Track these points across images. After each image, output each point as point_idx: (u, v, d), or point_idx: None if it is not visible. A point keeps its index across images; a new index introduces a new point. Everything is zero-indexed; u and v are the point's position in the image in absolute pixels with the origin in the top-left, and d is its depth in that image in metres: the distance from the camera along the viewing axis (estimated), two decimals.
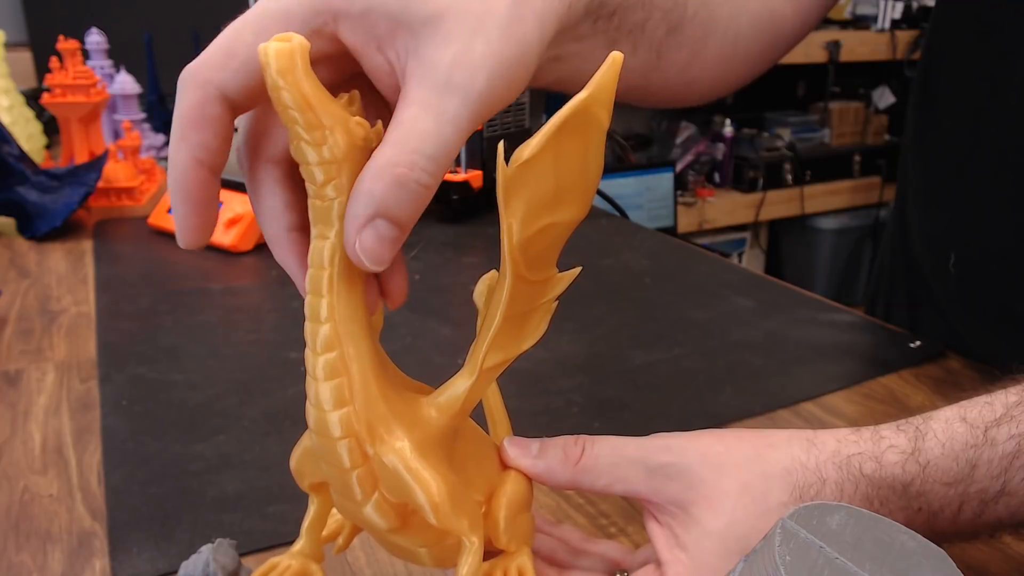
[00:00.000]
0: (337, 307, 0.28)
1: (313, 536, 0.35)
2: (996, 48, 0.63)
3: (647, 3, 0.43)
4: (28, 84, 1.43)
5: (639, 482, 0.35)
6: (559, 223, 0.30)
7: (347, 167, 0.27)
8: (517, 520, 0.34)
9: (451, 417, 0.31)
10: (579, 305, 0.75)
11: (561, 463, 0.35)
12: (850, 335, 0.71)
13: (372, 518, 0.30)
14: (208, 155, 0.28)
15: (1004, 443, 0.33)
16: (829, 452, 0.34)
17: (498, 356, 0.31)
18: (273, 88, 0.25)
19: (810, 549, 0.25)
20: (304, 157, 0.27)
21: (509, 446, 0.35)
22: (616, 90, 0.29)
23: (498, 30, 0.29)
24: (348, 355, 0.28)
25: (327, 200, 0.27)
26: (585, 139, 0.29)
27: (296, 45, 0.25)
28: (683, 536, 0.34)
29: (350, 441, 0.29)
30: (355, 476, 0.29)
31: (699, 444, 0.35)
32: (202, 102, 0.28)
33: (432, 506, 0.29)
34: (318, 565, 0.35)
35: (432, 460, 0.30)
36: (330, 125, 0.26)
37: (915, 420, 0.35)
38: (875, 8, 2.77)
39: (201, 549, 0.34)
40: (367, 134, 0.28)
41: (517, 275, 0.30)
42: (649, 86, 0.48)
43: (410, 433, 0.30)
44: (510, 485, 0.34)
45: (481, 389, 0.32)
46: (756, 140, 2.71)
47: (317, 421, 0.29)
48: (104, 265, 0.84)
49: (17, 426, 0.55)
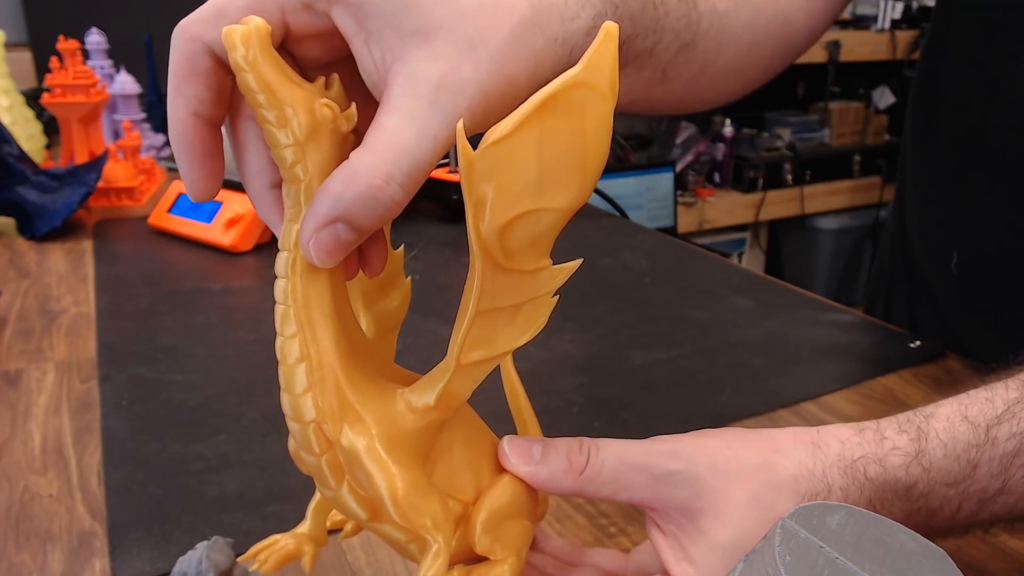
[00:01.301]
0: (300, 290, 0.28)
1: (318, 519, 0.35)
2: (996, 48, 0.63)
3: (658, 29, 0.42)
4: (28, 84, 1.43)
5: (645, 490, 0.33)
6: (547, 209, 0.28)
7: (312, 148, 0.27)
8: (502, 526, 0.32)
9: (424, 412, 0.30)
10: (579, 305, 0.75)
11: (565, 472, 0.33)
12: (850, 335, 0.71)
13: (349, 505, 0.30)
14: (204, 107, 0.29)
15: (1005, 442, 0.33)
16: (834, 456, 0.34)
17: (481, 351, 0.30)
18: (237, 70, 0.26)
19: (810, 549, 0.25)
20: (271, 139, 0.27)
21: (509, 452, 0.33)
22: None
23: (488, 61, 0.29)
24: (308, 339, 0.28)
25: (297, 182, 0.28)
26: (581, 119, 0.27)
27: (253, 28, 0.26)
28: (690, 548, 0.33)
29: (315, 426, 0.28)
30: (324, 461, 0.29)
31: (706, 449, 0.34)
32: (192, 56, 0.28)
33: (391, 499, 0.28)
34: (315, 547, 0.35)
35: (397, 453, 0.29)
36: (293, 106, 0.26)
37: (916, 419, 0.35)
38: (875, 8, 2.77)
39: (197, 546, 0.34)
40: (335, 116, 0.28)
41: (492, 264, 0.28)
42: (651, 99, 0.47)
43: (377, 424, 0.29)
44: (499, 489, 0.32)
45: (464, 385, 0.30)
46: (756, 140, 2.71)
47: (284, 403, 0.29)
48: (104, 265, 0.84)
49: (17, 426, 0.55)
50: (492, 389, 0.34)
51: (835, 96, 2.87)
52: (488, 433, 0.34)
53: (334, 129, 0.28)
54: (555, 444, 0.33)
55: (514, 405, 0.39)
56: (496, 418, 0.38)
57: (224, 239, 0.87)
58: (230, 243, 0.87)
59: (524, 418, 0.38)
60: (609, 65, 0.27)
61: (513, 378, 0.38)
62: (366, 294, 0.34)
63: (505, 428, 0.38)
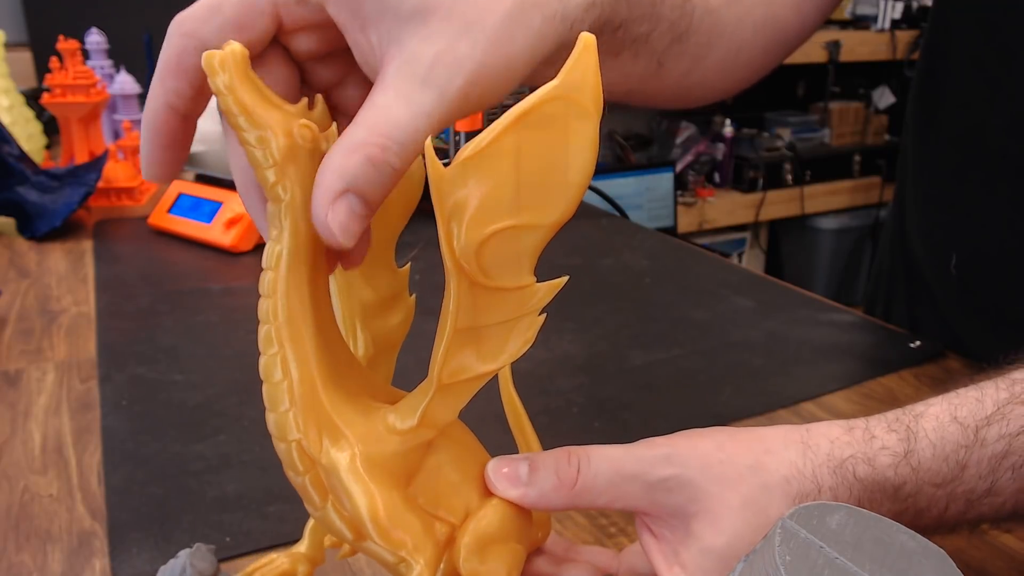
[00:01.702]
0: (280, 310, 0.28)
1: (315, 538, 0.35)
2: (996, 47, 0.63)
3: (654, 15, 0.42)
4: (28, 84, 1.43)
5: (639, 498, 0.33)
6: (525, 226, 0.27)
7: (292, 168, 0.27)
8: (490, 550, 0.31)
9: (407, 433, 0.29)
10: (579, 305, 0.75)
11: (555, 489, 0.32)
12: (850, 335, 0.71)
13: (335, 524, 0.29)
14: (181, 102, 0.29)
15: (994, 443, 0.33)
16: (823, 455, 0.34)
17: (466, 370, 0.29)
18: (216, 94, 0.27)
19: (810, 549, 0.25)
20: (252, 160, 0.27)
21: (494, 477, 0.32)
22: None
23: (485, 41, 0.29)
24: (290, 357, 0.28)
25: (279, 201, 0.28)
26: (562, 134, 0.26)
27: (229, 53, 0.26)
28: (683, 553, 0.33)
29: (297, 444, 0.28)
30: (307, 480, 0.29)
31: (698, 452, 0.33)
32: (181, 52, 0.29)
33: (370, 519, 0.28)
34: (310, 566, 0.34)
35: (378, 474, 0.28)
36: (271, 128, 0.27)
37: (905, 418, 0.35)
38: (875, 8, 2.77)
39: (179, 554, 0.34)
40: (314, 136, 0.28)
41: (468, 281, 0.27)
42: (646, 91, 0.47)
43: (359, 443, 0.29)
44: (486, 511, 0.31)
45: (448, 405, 0.30)
46: (756, 140, 2.71)
47: (269, 422, 0.29)
48: (104, 265, 0.84)
49: (17, 426, 0.55)
50: (492, 389, 0.34)
51: (835, 96, 2.87)
52: (481, 452, 0.33)
53: (314, 149, 0.28)
54: (542, 460, 0.33)
55: (515, 425, 0.38)
56: (496, 418, 0.38)
57: (224, 239, 0.87)
58: (230, 243, 0.87)
59: (528, 440, 0.38)
60: (590, 77, 0.26)
61: (514, 399, 0.38)
62: (366, 311, 0.34)
63: (504, 429, 0.38)
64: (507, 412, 0.38)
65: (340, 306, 0.34)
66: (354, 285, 0.34)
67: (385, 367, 0.35)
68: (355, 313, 0.34)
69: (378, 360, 0.35)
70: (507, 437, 0.38)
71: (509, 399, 0.38)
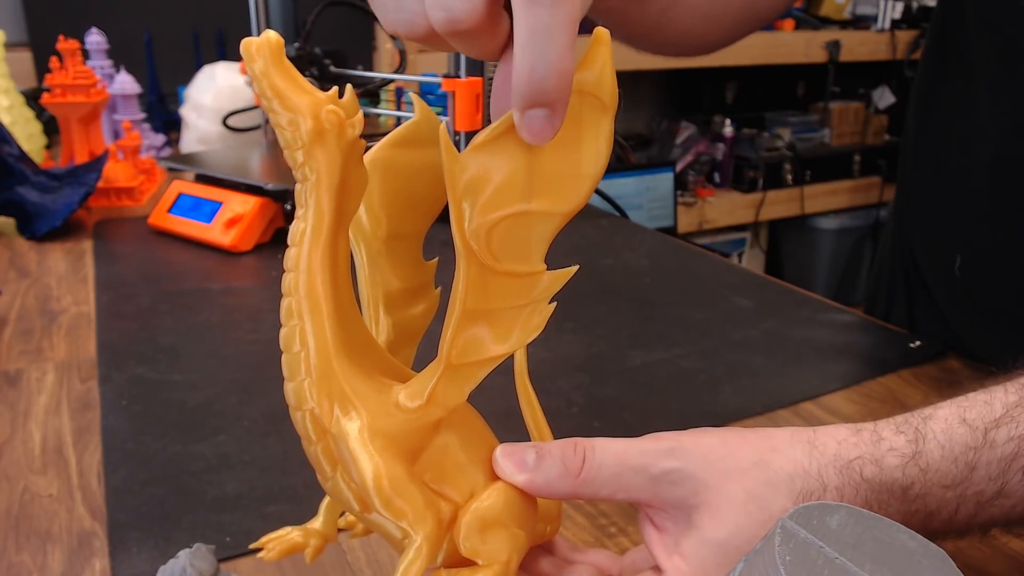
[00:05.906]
0: (302, 284, 0.29)
1: (330, 515, 0.35)
2: (997, 47, 0.63)
3: None
4: (28, 84, 1.43)
5: (642, 490, 0.33)
6: (536, 213, 0.28)
7: (319, 151, 0.28)
8: (490, 532, 0.31)
9: (415, 411, 0.30)
10: (579, 305, 0.75)
11: (560, 476, 0.33)
12: (850, 335, 0.71)
13: (344, 494, 0.30)
14: None
15: (1003, 445, 0.33)
16: (830, 455, 0.34)
17: (475, 351, 0.30)
18: (252, 78, 0.28)
19: (810, 549, 0.25)
20: (283, 141, 0.29)
21: (502, 461, 0.33)
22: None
23: None
24: (309, 329, 0.29)
25: (305, 181, 0.29)
26: (577, 126, 0.27)
27: (264, 40, 0.27)
28: (683, 543, 0.33)
29: (311, 414, 0.29)
30: (319, 450, 0.30)
31: (702, 447, 0.34)
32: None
33: (374, 486, 0.29)
34: (322, 540, 0.35)
35: (385, 446, 0.29)
36: (301, 112, 0.28)
37: (914, 420, 0.35)
38: (875, 8, 2.77)
39: (179, 554, 0.34)
40: (340, 120, 0.29)
41: (478, 264, 0.28)
42: (628, 21, 0.49)
43: (369, 415, 0.29)
44: (490, 493, 0.32)
45: (457, 386, 0.30)
46: (756, 140, 2.71)
47: (287, 391, 0.30)
48: (104, 265, 0.84)
49: (17, 426, 0.55)
50: (492, 389, 0.34)
51: (835, 96, 2.87)
52: (490, 436, 0.34)
53: (340, 134, 0.29)
54: (550, 449, 0.33)
55: (529, 418, 0.38)
56: (497, 419, 0.38)
57: (224, 239, 0.87)
58: (230, 243, 0.87)
59: (541, 433, 0.38)
60: (606, 72, 0.27)
61: (529, 392, 0.38)
62: (389, 297, 0.35)
63: (505, 428, 0.38)
64: (521, 404, 0.38)
65: (365, 290, 0.35)
66: (380, 272, 0.34)
67: (405, 354, 0.36)
68: (379, 299, 0.35)
69: (399, 346, 0.35)
70: (512, 436, 0.38)
71: (524, 391, 0.38)
